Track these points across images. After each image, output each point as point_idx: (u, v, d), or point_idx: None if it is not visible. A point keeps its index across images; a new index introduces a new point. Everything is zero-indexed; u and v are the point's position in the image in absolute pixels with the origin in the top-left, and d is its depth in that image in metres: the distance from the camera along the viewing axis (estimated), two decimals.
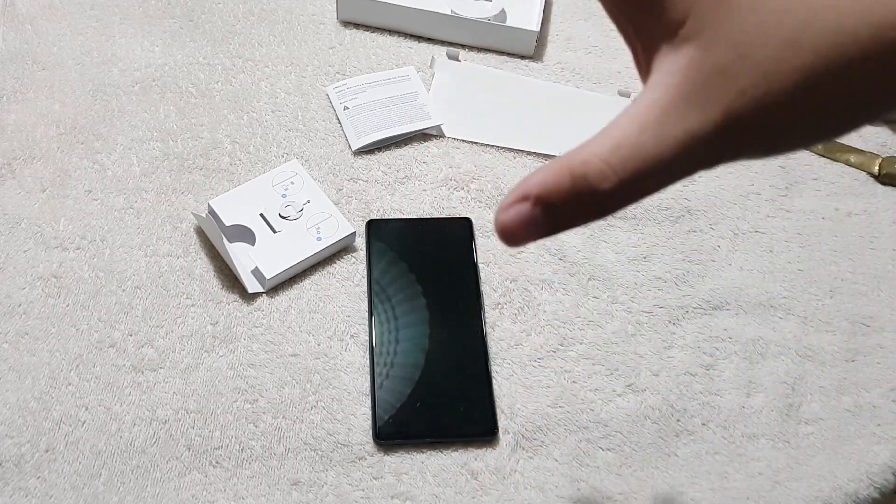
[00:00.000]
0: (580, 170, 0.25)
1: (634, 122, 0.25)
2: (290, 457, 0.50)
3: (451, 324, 0.55)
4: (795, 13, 0.23)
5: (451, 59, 0.71)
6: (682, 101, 0.24)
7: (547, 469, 0.51)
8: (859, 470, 0.53)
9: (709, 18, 0.24)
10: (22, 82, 0.66)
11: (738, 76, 0.24)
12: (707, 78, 0.24)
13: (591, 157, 0.25)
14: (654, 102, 0.25)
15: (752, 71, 0.23)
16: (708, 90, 0.24)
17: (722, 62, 0.24)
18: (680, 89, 0.25)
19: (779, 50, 0.23)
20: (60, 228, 0.58)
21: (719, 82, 0.24)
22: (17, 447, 0.49)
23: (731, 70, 0.24)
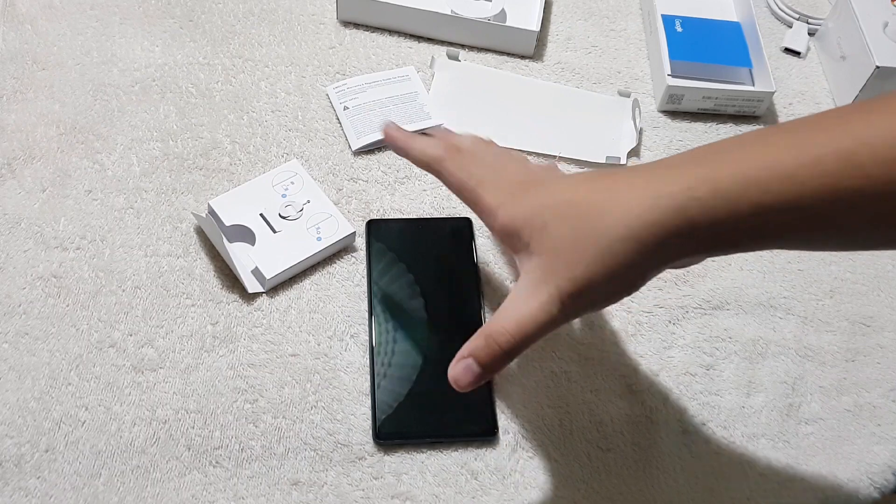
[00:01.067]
0: (487, 333, 0.41)
1: (514, 301, 0.41)
2: (290, 457, 0.50)
3: (451, 324, 0.55)
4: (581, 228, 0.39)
5: (451, 59, 0.71)
6: (534, 289, 0.40)
7: (547, 469, 0.51)
8: (859, 470, 0.53)
9: (538, 241, 0.41)
10: (22, 82, 0.66)
11: (554, 269, 0.40)
12: (544, 273, 0.40)
13: (494, 324, 0.41)
14: (522, 291, 0.41)
15: (561, 265, 0.39)
16: (542, 279, 0.40)
17: (546, 263, 0.40)
18: (529, 280, 0.41)
19: (573, 250, 0.39)
20: (60, 228, 0.58)
21: (551, 274, 0.40)
22: (17, 447, 0.49)
23: (550, 266, 0.40)
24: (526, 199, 0.42)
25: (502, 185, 0.44)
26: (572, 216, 0.40)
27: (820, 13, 0.79)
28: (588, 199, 0.40)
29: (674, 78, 0.69)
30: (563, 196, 0.41)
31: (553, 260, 0.40)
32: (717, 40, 0.72)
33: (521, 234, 0.41)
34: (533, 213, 0.41)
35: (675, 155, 0.41)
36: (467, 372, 0.41)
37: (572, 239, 0.39)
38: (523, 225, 0.41)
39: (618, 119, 0.69)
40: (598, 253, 0.38)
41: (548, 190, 0.42)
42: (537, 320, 0.40)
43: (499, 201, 0.43)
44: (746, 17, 0.75)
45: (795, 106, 0.73)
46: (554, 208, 0.41)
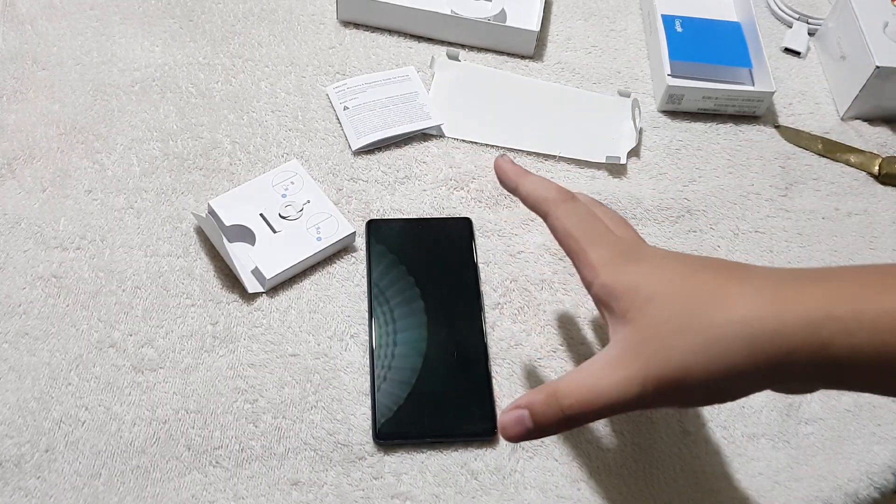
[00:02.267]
0: (552, 391, 0.38)
1: (593, 366, 0.38)
2: (290, 457, 0.50)
3: (450, 324, 0.55)
4: (687, 311, 0.36)
5: (451, 59, 0.71)
6: (620, 359, 0.37)
7: (547, 469, 0.51)
8: (859, 470, 0.53)
9: (638, 311, 0.38)
10: (22, 82, 0.66)
11: (648, 348, 0.36)
12: (636, 346, 0.37)
13: (562, 384, 0.38)
14: (606, 356, 0.38)
15: (657, 345, 0.36)
16: (635, 354, 0.37)
17: (642, 338, 0.37)
18: (619, 351, 0.38)
19: (673, 334, 0.36)
20: (60, 228, 0.58)
21: (639, 350, 0.37)
22: (17, 447, 0.49)
23: (645, 343, 0.37)
24: (634, 266, 0.39)
25: (610, 244, 0.41)
26: (683, 297, 0.36)
27: (820, 13, 0.79)
28: (706, 286, 0.36)
29: (674, 78, 0.69)
30: (677, 274, 0.38)
31: (650, 337, 0.36)
32: (717, 40, 0.72)
33: (621, 299, 0.38)
34: (640, 283, 0.38)
35: (807, 269, 0.37)
36: (518, 424, 0.39)
37: (678, 322, 0.36)
38: (626, 291, 0.38)
39: (618, 119, 0.69)
40: (703, 344, 0.35)
41: (660, 263, 0.39)
42: (612, 396, 0.36)
43: (604, 259, 0.40)
44: (746, 17, 0.75)
45: (795, 106, 0.73)
46: (664, 284, 0.38)
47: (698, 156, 0.68)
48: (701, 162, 0.68)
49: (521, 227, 0.62)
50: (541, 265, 0.60)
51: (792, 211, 0.65)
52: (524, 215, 0.62)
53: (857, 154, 0.69)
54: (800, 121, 0.72)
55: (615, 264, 0.40)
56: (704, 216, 0.64)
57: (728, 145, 0.69)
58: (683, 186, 0.66)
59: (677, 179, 0.66)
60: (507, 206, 0.63)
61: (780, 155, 0.69)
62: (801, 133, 0.70)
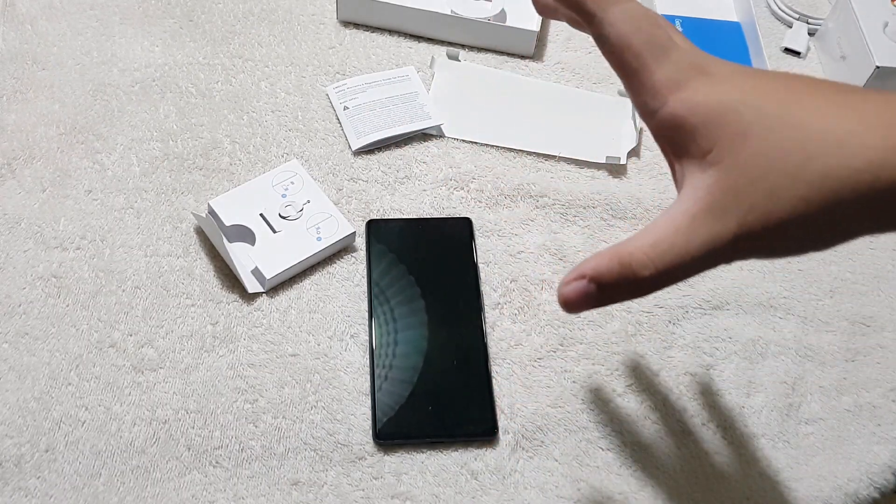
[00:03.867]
0: (627, 259, 0.32)
1: (670, 224, 0.32)
2: (290, 457, 0.50)
3: (450, 324, 0.55)
4: (797, 153, 0.29)
5: (451, 59, 0.71)
6: (706, 212, 0.31)
7: (547, 469, 0.51)
8: (859, 470, 0.53)
9: (729, 150, 0.31)
10: (22, 82, 0.66)
11: (748, 197, 0.30)
12: (725, 196, 0.31)
13: (635, 249, 0.32)
14: (686, 210, 0.32)
15: (760, 194, 0.30)
16: (726, 205, 0.30)
17: (737, 185, 0.30)
18: (705, 202, 0.31)
19: (781, 181, 0.30)
20: (60, 228, 0.58)
21: (735, 200, 0.30)
22: (17, 447, 0.49)
23: (744, 192, 0.30)
24: (714, 87, 0.32)
25: (678, 57, 0.33)
26: (787, 130, 0.30)
27: (820, 13, 0.79)
28: (811, 114, 0.30)
29: None
30: (772, 98, 0.31)
31: (749, 183, 0.30)
32: (717, 40, 0.72)
33: (700, 134, 0.31)
34: (725, 109, 0.31)
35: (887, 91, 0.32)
36: (582, 294, 0.33)
37: (786, 164, 0.29)
38: (709, 121, 0.31)
39: (618, 119, 0.69)
40: (819, 194, 0.29)
41: (747, 83, 0.32)
42: (696, 254, 0.31)
43: (673, 78, 0.32)
44: (746, 17, 0.75)
45: None
46: (759, 111, 0.30)
47: None
48: None
49: (521, 227, 0.62)
50: (541, 265, 0.60)
51: None
52: (524, 215, 0.62)
53: None
54: None
55: (689, 86, 0.32)
56: None
57: None
58: None
59: None
60: (507, 206, 0.63)
61: None
62: None
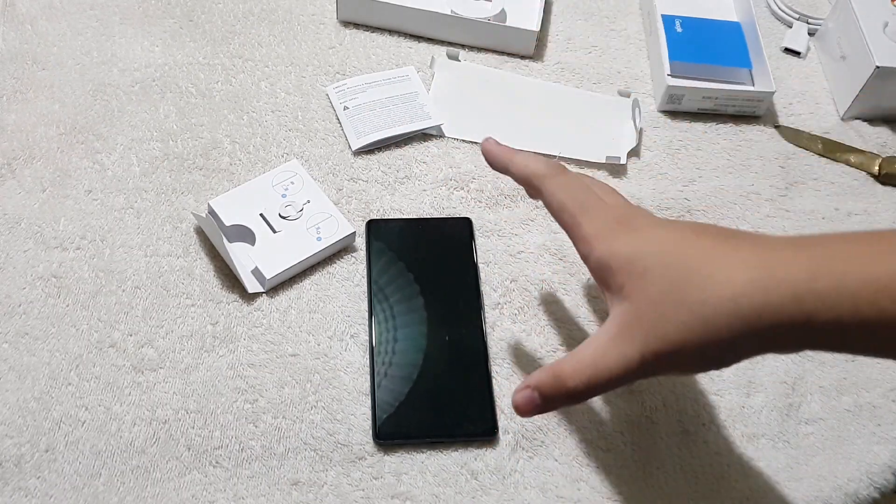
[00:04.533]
0: (559, 374, 0.40)
1: (594, 344, 0.39)
2: (290, 457, 0.50)
3: (451, 324, 0.55)
4: (682, 287, 0.37)
5: (451, 59, 0.71)
6: (618, 335, 0.38)
7: (547, 469, 0.51)
8: (859, 470, 0.53)
9: (634, 287, 0.38)
10: (22, 82, 0.66)
11: (647, 322, 0.37)
12: (631, 321, 0.38)
13: (566, 365, 0.40)
14: (605, 334, 0.39)
15: (655, 319, 0.37)
16: (632, 329, 0.38)
17: (639, 312, 0.38)
18: (619, 327, 0.39)
19: (669, 308, 0.37)
20: (60, 228, 0.58)
21: (638, 324, 0.38)
22: (17, 447, 0.49)
23: (644, 318, 0.38)
24: (627, 238, 0.40)
25: (604, 215, 0.42)
26: (676, 270, 0.37)
27: (820, 13, 0.79)
28: (696, 258, 0.37)
29: (674, 78, 0.69)
30: (668, 247, 0.39)
31: (647, 312, 0.37)
32: (717, 40, 0.72)
33: (616, 274, 0.39)
34: (634, 256, 0.39)
35: (796, 236, 0.38)
36: (529, 402, 0.41)
37: (672, 296, 0.37)
38: (622, 265, 0.39)
39: (618, 119, 0.69)
40: (697, 320, 0.36)
41: (652, 235, 0.40)
42: (613, 372, 0.38)
43: (598, 232, 0.41)
44: (746, 17, 0.75)
45: (795, 106, 0.73)
46: (658, 257, 0.38)
47: (698, 156, 0.68)
48: (701, 162, 0.68)
49: (521, 227, 0.62)
50: (541, 265, 0.60)
51: (792, 211, 0.65)
52: (524, 215, 0.62)
53: (857, 154, 0.69)
54: (800, 121, 0.72)
55: (611, 236, 0.41)
56: (704, 216, 0.64)
57: (728, 145, 0.69)
58: (683, 186, 0.66)
59: (677, 179, 0.66)
60: (507, 206, 0.63)
61: (780, 155, 0.69)
62: (801, 133, 0.70)
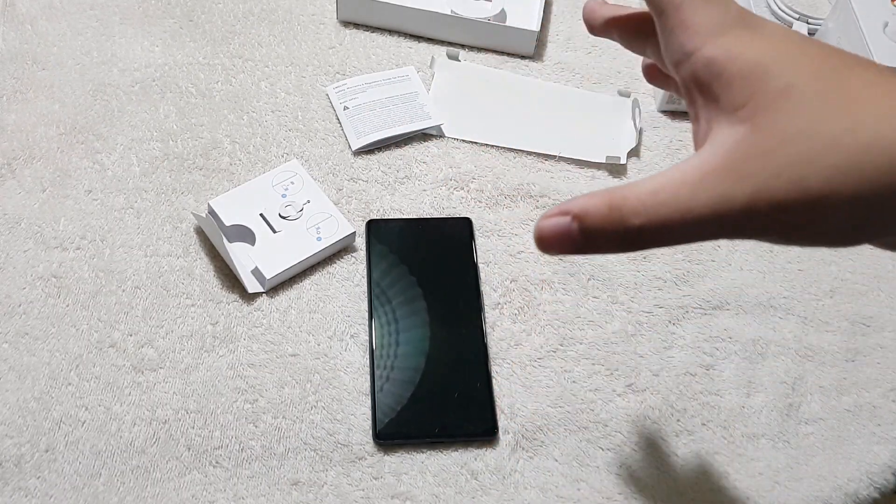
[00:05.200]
0: (618, 203, 0.28)
1: (678, 174, 0.28)
2: (290, 457, 0.50)
3: (451, 324, 0.55)
4: (841, 119, 0.26)
5: (451, 59, 0.71)
6: (724, 169, 0.27)
7: (547, 469, 0.51)
8: (859, 470, 0.53)
9: (765, 108, 0.27)
10: (22, 82, 0.66)
11: (777, 160, 0.26)
12: (750, 155, 0.27)
13: (631, 194, 0.28)
14: (700, 163, 0.28)
15: (792, 158, 0.26)
16: (749, 166, 0.27)
17: (767, 145, 0.27)
18: (725, 159, 0.27)
19: (818, 146, 0.26)
20: (60, 228, 0.58)
21: (760, 161, 0.27)
22: (17, 447, 0.49)
23: (773, 154, 0.27)
24: (753, 39, 0.29)
25: (728, 4, 0.30)
26: (832, 100, 0.27)
27: (820, 13, 0.79)
28: (855, 84, 0.27)
29: None
30: (819, 63, 0.28)
31: (780, 145, 0.27)
32: None
33: (737, 85, 0.28)
34: (770, 65, 0.28)
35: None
36: (561, 233, 0.29)
37: (823, 127, 0.26)
38: (748, 73, 0.28)
39: (618, 119, 0.69)
40: (848, 160, 0.26)
41: (786, 40, 0.29)
42: (701, 215, 0.27)
43: (714, 23, 0.29)
44: None
45: None
46: (806, 75, 0.27)
47: None
48: None
49: (521, 227, 0.62)
50: (541, 265, 0.60)
51: None
52: (524, 215, 0.62)
53: None
54: None
55: (731, 33, 0.29)
56: None
57: None
58: None
59: None
60: (507, 206, 0.63)
61: None
62: None
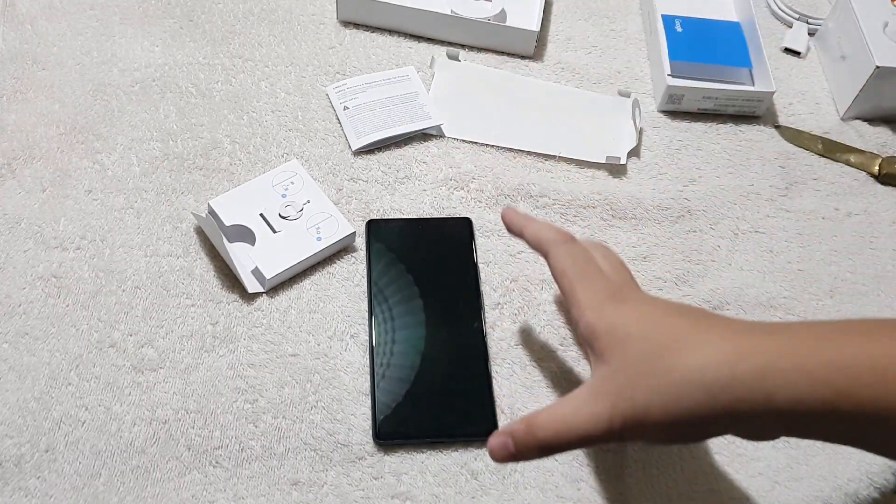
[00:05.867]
0: (531, 422, 0.41)
1: (570, 400, 0.41)
2: (290, 457, 0.50)
3: (450, 324, 0.55)
4: (655, 355, 0.39)
5: (451, 59, 0.71)
6: (592, 394, 0.40)
7: (547, 469, 0.51)
8: (859, 470, 0.53)
9: (613, 352, 0.40)
10: (22, 82, 0.66)
11: (618, 385, 0.39)
12: (605, 383, 0.40)
13: (540, 416, 0.41)
14: (582, 392, 0.41)
15: (626, 382, 0.39)
16: (605, 390, 0.40)
17: (613, 375, 0.40)
18: (595, 388, 0.40)
19: (640, 374, 0.39)
20: (60, 228, 0.58)
21: (611, 386, 0.40)
22: (17, 447, 0.49)
23: (616, 381, 0.39)
24: (616, 309, 0.42)
25: (598, 286, 0.44)
26: (652, 341, 0.39)
27: (820, 13, 0.79)
28: (672, 334, 0.39)
29: (674, 78, 0.69)
30: (649, 320, 0.41)
31: (620, 376, 0.39)
32: (717, 40, 0.72)
33: (600, 340, 0.41)
34: (617, 325, 0.41)
35: (772, 322, 0.40)
36: (502, 449, 0.41)
37: (645, 364, 0.39)
38: (605, 332, 0.41)
39: (618, 119, 0.69)
40: (663, 387, 0.38)
41: (637, 308, 0.42)
42: (581, 429, 0.40)
43: (591, 302, 0.43)
44: (746, 17, 0.75)
45: (795, 106, 0.73)
46: (638, 327, 0.40)
47: (698, 156, 0.68)
48: (701, 162, 0.68)
49: None
50: (541, 265, 0.60)
51: (792, 211, 0.65)
52: None
53: (857, 154, 0.69)
54: (800, 121, 0.72)
55: (601, 305, 0.43)
56: (704, 216, 0.64)
57: (728, 145, 0.69)
58: (683, 186, 0.66)
59: (677, 179, 0.66)
60: (507, 206, 0.63)
61: (780, 155, 0.69)
62: (801, 133, 0.70)
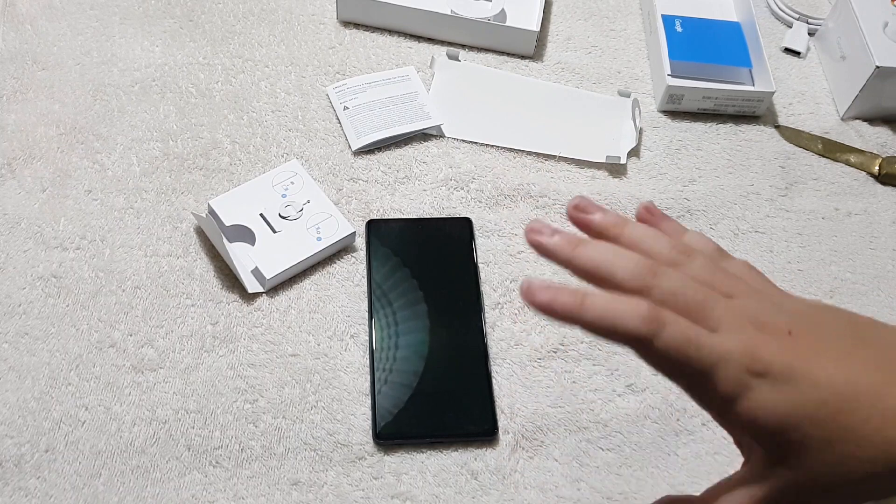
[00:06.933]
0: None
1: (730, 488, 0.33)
2: (290, 457, 0.50)
3: (451, 324, 0.55)
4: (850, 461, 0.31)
5: (451, 59, 0.71)
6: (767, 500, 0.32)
7: (547, 469, 0.51)
8: None
9: (795, 458, 0.31)
10: (22, 82, 0.66)
11: (809, 494, 0.31)
12: (788, 490, 0.32)
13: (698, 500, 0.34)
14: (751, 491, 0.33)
15: (818, 492, 0.31)
16: (787, 498, 0.32)
17: (799, 483, 0.31)
18: (768, 492, 0.32)
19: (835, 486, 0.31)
20: (60, 228, 0.58)
21: (796, 496, 0.32)
22: (17, 447, 0.49)
23: (805, 490, 0.31)
24: (776, 390, 0.30)
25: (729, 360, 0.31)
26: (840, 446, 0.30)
27: (820, 13, 0.79)
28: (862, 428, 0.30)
29: (674, 78, 0.69)
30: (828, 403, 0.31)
31: (811, 486, 0.31)
32: (717, 40, 0.72)
33: (768, 440, 0.31)
34: (788, 422, 0.31)
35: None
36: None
37: (838, 470, 0.30)
38: (774, 432, 0.31)
39: (618, 119, 0.69)
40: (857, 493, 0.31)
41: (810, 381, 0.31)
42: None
43: (735, 386, 0.30)
44: (746, 17, 0.75)
45: (795, 106, 0.73)
46: (815, 422, 0.30)
47: (698, 156, 0.68)
48: (701, 162, 0.68)
49: (521, 227, 0.62)
50: (541, 265, 0.60)
51: (792, 211, 0.65)
52: (524, 215, 0.62)
53: (857, 154, 0.69)
54: (800, 121, 0.72)
55: (748, 395, 0.31)
56: (704, 216, 0.64)
57: (728, 145, 0.69)
58: (683, 186, 0.66)
59: (677, 179, 0.66)
60: (507, 206, 0.63)
61: (780, 155, 0.69)
62: (801, 133, 0.70)
